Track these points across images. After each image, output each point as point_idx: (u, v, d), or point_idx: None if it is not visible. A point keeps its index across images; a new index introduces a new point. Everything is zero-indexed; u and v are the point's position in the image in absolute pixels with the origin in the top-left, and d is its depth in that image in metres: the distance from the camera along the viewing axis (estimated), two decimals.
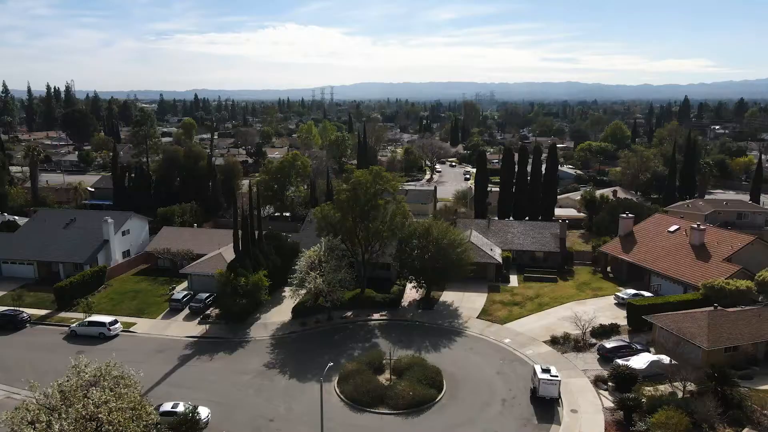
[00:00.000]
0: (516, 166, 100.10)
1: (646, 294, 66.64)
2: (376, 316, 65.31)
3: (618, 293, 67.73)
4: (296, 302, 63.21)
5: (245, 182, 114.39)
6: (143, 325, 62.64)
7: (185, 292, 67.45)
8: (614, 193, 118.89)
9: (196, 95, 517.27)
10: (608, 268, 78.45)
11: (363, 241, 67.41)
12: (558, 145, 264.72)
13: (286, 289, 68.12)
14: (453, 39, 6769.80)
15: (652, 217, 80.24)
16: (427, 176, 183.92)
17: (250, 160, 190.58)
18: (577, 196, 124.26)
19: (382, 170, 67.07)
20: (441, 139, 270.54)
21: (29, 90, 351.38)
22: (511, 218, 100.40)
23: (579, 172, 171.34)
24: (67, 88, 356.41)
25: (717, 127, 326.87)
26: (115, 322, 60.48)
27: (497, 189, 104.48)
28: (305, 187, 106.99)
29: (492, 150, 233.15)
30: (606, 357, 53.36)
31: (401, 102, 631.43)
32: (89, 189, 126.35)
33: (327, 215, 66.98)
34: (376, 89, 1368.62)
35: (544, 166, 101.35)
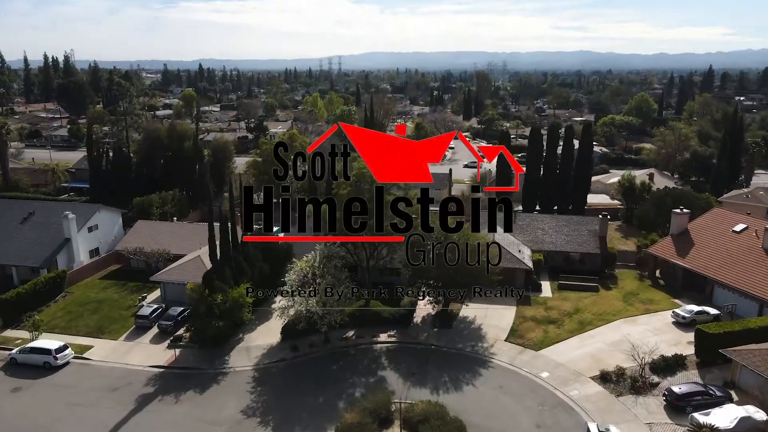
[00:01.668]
0: (544, 148, 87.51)
1: (711, 311, 54.84)
2: (383, 336, 54.10)
3: (677, 310, 55.91)
4: (286, 321, 51.95)
5: (245, 160, 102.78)
6: (101, 350, 51.75)
7: (155, 306, 56.34)
8: (650, 176, 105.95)
9: (200, 65, 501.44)
10: (657, 272, 66.56)
11: (367, 246, 55.90)
12: (576, 119, 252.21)
13: (277, 299, 57.06)
14: (463, 6, 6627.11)
15: (711, 213, 67.80)
16: None
17: (251, 136, 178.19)
18: (608, 179, 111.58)
19: None
20: (453, 111, 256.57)
21: (25, 60, 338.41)
22: (537, 208, 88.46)
23: (605, 149, 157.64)
24: (66, 58, 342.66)
25: (742, 98, 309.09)
26: (65, 347, 49.56)
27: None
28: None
29: (508, 124, 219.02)
30: (676, 406, 41.89)
31: (410, 72, 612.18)
32: (70, 170, 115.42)
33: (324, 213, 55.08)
34: (384, 59, 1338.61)
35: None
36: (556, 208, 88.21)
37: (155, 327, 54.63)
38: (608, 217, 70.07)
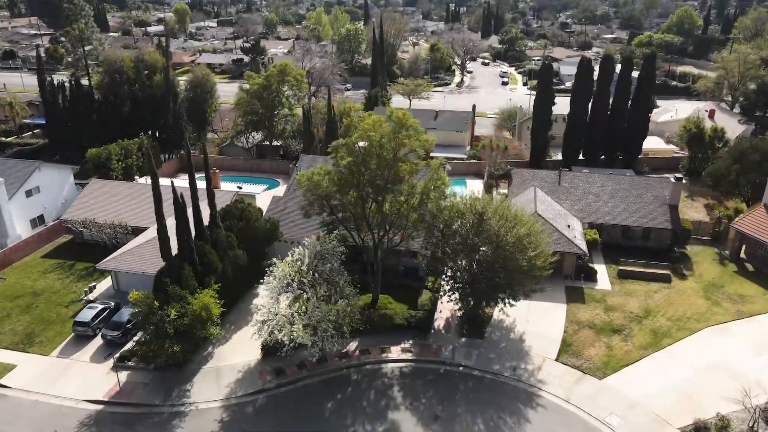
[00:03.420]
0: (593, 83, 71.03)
1: None
2: (395, 350, 41.35)
3: None
4: (264, 339, 39.01)
5: (233, 87, 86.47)
6: (25, 372, 39.36)
7: (99, 307, 43.36)
8: (711, 113, 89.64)
9: None
10: (742, 252, 52.57)
11: (377, 228, 41.89)
12: (606, 36, 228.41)
13: (259, 290, 44.33)
14: None
15: None
16: (457, 79, 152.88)
17: (247, 58, 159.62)
18: (659, 116, 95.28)
19: (408, 117, 39.84)
20: (470, 28, 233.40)
21: None
22: (581, 157, 73.35)
23: None
24: None
25: None
26: None
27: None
28: (302, 106, 79.50)
29: (532, 44, 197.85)
30: None
31: None
32: (35, 102, 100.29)
33: (317, 184, 40.85)
34: None
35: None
36: (603, 156, 73.14)
37: (100, 336, 42.10)
38: (683, 181, 54.99)
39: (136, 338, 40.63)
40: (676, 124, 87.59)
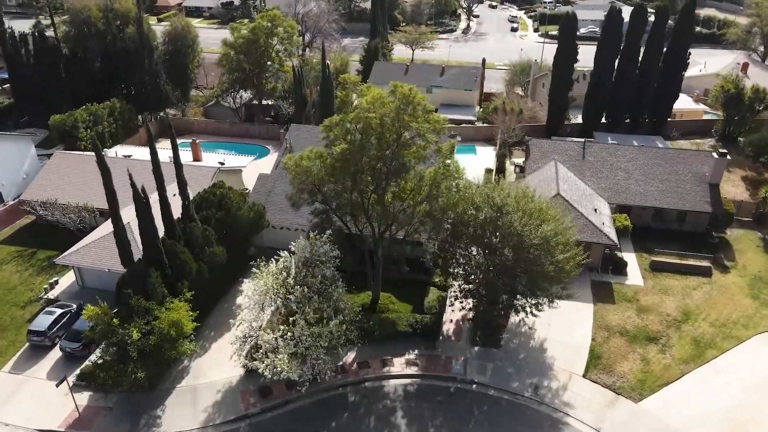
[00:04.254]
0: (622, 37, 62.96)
1: None
2: (398, 363, 36.01)
3: None
4: (247, 359, 33.37)
5: (222, 34, 77.47)
6: None
7: (58, 312, 37.62)
8: (744, 67, 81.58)
9: None
10: None
11: (377, 221, 35.73)
12: None
13: (245, 283, 38.57)
14: None
15: None
16: (463, 24, 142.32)
17: (237, 1, 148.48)
18: (687, 70, 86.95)
19: (415, 93, 32.77)
20: None
21: None
22: (603, 120, 66.17)
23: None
24: None
25: None
26: None
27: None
28: (292, 65, 71.33)
29: None
30: None
31: None
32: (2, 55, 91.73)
33: (307, 171, 34.34)
34: None
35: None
36: (628, 120, 66.00)
37: (58, 346, 36.64)
38: (727, 156, 48.12)
39: (95, 356, 34.84)
40: (706, 80, 79.91)
